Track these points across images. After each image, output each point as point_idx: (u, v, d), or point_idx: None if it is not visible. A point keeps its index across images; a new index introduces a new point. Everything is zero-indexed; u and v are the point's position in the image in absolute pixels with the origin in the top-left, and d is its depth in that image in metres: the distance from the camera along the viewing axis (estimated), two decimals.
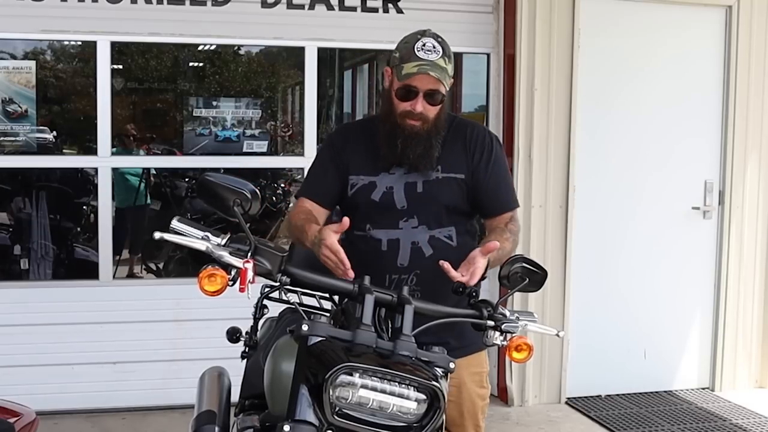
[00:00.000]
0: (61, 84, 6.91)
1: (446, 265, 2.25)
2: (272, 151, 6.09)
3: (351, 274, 2.20)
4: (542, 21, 4.93)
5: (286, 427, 1.91)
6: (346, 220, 2.30)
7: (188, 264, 6.14)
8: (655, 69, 5.20)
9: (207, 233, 2.05)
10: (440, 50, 2.52)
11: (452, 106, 6.32)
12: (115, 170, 5.22)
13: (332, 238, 2.22)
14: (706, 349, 5.45)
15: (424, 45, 2.51)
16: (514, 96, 4.95)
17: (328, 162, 2.71)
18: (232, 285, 2.01)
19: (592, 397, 5.20)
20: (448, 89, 2.56)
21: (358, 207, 2.65)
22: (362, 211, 2.64)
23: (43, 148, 5.39)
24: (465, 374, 2.67)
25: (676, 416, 4.94)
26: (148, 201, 7.14)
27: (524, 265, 2.21)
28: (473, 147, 2.65)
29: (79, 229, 6.78)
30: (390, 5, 4.97)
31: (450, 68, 2.54)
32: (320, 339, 1.99)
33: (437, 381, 1.95)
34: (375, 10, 4.96)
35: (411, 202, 2.60)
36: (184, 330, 4.76)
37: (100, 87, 4.69)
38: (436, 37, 2.56)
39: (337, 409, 1.89)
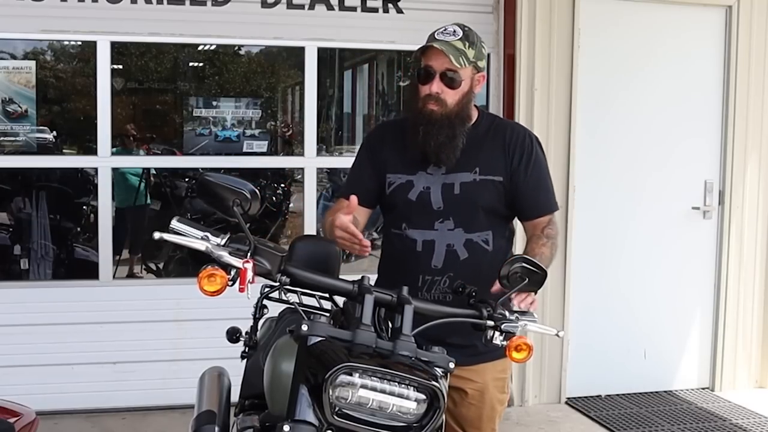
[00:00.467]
0: (61, 84, 6.91)
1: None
2: (272, 151, 6.10)
3: (368, 247, 2.22)
4: (542, 21, 4.93)
5: (286, 427, 1.91)
6: (353, 198, 2.28)
7: (188, 264, 6.15)
8: (655, 69, 5.20)
9: (207, 233, 2.04)
10: (459, 33, 2.52)
11: None
12: (115, 170, 5.22)
13: (342, 218, 2.22)
14: (706, 349, 5.45)
15: (445, 29, 2.55)
16: (514, 96, 4.95)
17: (365, 161, 2.72)
18: (232, 285, 2.00)
19: (592, 397, 5.20)
20: (468, 70, 2.53)
21: (395, 206, 2.65)
22: (399, 210, 2.64)
23: (43, 148, 5.40)
24: (489, 379, 2.68)
25: (676, 416, 4.94)
26: (148, 201, 7.15)
27: (524, 264, 2.20)
28: (512, 149, 2.63)
29: (79, 229, 6.79)
30: (390, 5, 4.96)
31: (471, 53, 2.53)
32: (320, 339, 1.99)
33: (437, 381, 1.95)
34: (375, 10, 4.96)
35: (447, 203, 2.59)
36: (184, 330, 4.76)
37: (100, 87, 4.68)
38: (462, 26, 2.57)
39: (337, 409, 1.89)
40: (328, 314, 2.47)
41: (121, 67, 6.76)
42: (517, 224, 2.80)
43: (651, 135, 5.23)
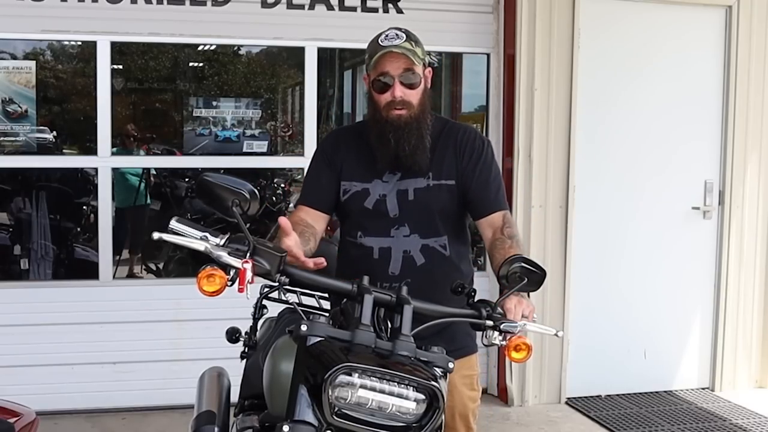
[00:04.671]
0: (61, 84, 6.91)
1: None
2: (272, 151, 6.09)
3: (318, 264, 2.19)
4: (542, 21, 4.93)
5: (286, 428, 1.91)
6: (287, 223, 2.25)
7: (188, 264, 6.15)
8: (655, 68, 5.20)
9: (206, 233, 2.04)
10: (403, 36, 2.52)
11: (452, 106, 6.32)
12: (115, 170, 5.22)
13: (286, 242, 2.18)
14: (706, 349, 5.45)
15: (386, 35, 2.54)
16: (514, 96, 4.95)
17: (322, 167, 2.69)
18: (231, 285, 2.00)
19: (592, 397, 5.20)
20: (421, 67, 2.53)
21: (350, 214, 2.65)
22: (354, 218, 2.64)
23: (43, 148, 5.40)
24: (456, 377, 2.65)
25: (676, 416, 4.94)
26: (148, 201, 7.15)
27: (523, 264, 2.20)
28: (462, 149, 2.63)
29: (79, 229, 6.79)
30: (390, 5, 4.97)
31: (420, 51, 2.53)
32: (319, 339, 1.99)
33: (436, 381, 1.95)
34: (375, 10, 4.96)
35: (402, 209, 2.59)
36: (184, 330, 4.76)
37: (100, 87, 4.69)
38: (399, 28, 2.57)
39: (336, 409, 1.89)
40: (327, 314, 2.47)
41: (121, 67, 6.75)
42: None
43: (651, 134, 5.23)
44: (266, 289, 2.46)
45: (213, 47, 6.37)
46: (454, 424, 2.70)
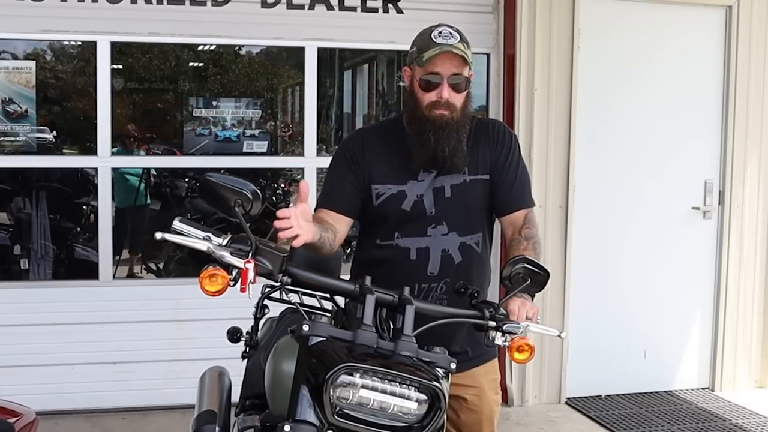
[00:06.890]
0: (61, 84, 6.89)
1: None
2: (272, 151, 6.09)
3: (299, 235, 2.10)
4: (542, 21, 4.93)
5: (287, 427, 1.91)
6: (303, 184, 2.22)
7: (188, 264, 6.15)
8: (656, 68, 5.21)
9: (208, 233, 2.04)
10: (457, 36, 2.46)
11: None
12: (115, 170, 5.21)
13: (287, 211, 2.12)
14: (706, 349, 5.45)
15: (440, 32, 2.47)
16: (514, 96, 4.96)
17: (345, 170, 2.58)
18: (233, 285, 2.00)
19: (592, 397, 5.21)
20: (470, 76, 2.50)
21: (386, 217, 2.56)
22: (391, 221, 2.56)
23: (43, 148, 5.39)
24: (484, 382, 2.67)
25: (676, 416, 4.94)
26: (148, 201, 7.14)
27: (526, 265, 2.20)
28: (494, 141, 2.61)
29: (79, 229, 6.78)
30: (390, 5, 4.97)
31: (469, 54, 2.47)
32: (321, 339, 1.99)
33: (438, 381, 1.95)
34: (375, 10, 4.96)
35: (439, 207, 2.54)
36: (184, 330, 4.76)
37: (100, 87, 4.69)
38: (450, 26, 2.51)
39: (338, 409, 1.89)
40: (329, 314, 2.47)
41: (121, 67, 6.75)
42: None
43: (651, 134, 5.23)
44: (268, 289, 2.47)
45: (213, 47, 6.37)
46: (480, 429, 2.68)
